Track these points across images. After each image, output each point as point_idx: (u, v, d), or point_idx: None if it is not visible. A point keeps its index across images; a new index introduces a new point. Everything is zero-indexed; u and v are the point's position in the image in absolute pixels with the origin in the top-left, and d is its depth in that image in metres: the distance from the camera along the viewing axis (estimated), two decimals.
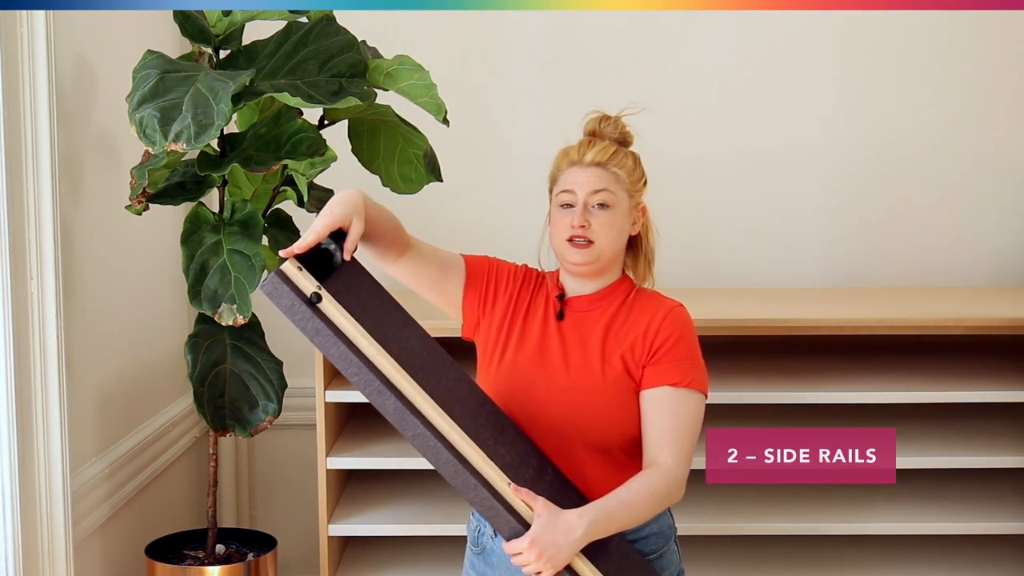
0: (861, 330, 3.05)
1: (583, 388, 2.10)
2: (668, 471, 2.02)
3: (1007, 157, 3.59)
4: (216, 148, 2.67)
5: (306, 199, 2.65)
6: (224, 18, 2.59)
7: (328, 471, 3.03)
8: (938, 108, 3.57)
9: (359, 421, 3.29)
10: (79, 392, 2.67)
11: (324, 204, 2.00)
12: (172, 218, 3.21)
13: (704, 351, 2.15)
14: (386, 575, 3.16)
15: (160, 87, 2.37)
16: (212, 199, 2.79)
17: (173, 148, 2.31)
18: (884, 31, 3.55)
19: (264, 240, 2.71)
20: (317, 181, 2.79)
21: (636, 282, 2.20)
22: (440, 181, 2.84)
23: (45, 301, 2.41)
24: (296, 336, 1.99)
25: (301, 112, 2.62)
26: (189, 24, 2.60)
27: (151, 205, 2.62)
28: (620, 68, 3.54)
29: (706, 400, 2.12)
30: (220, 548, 2.93)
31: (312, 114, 2.67)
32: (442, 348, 2.08)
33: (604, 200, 2.11)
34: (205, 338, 2.70)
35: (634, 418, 2.09)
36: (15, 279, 2.33)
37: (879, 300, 3.28)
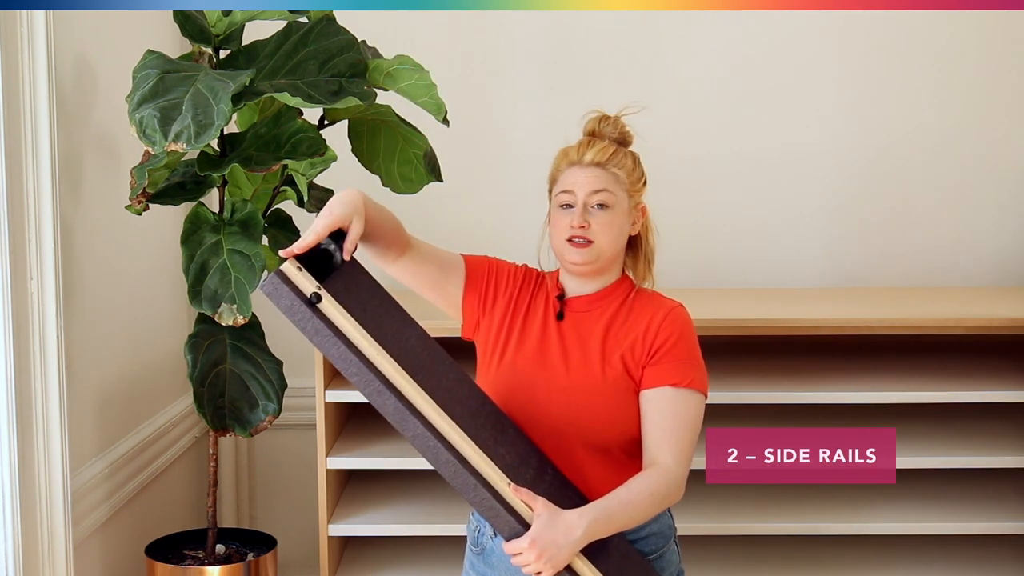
0: (861, 330, 3.05)
1: (583, 388, 2.10)
2: (668, 471, 2.02)
3: (1007, 157, 3.59)
4: (216, 148, 2.67)
5: (306, 199, 2.65)
6: (224, 18, 2.59)
7: (328, 471, 3.03)
8: (938, 108, 3.57)
9: (359, 421, 3.29)
10: (79, 392, 2.66)
11: (324, 204, 2.00)
12: (172, 218, 3.21)
13: (704, 351, 2.15)
14: (386, 575, 3.16)
15: (160, 87, 2.37)
16: (212, 199, 2.79)
17: (173, 148, 2.31)
18: (884, 31, 3.55)
19: (264, 240, 2.71)
20: (317, 181, 2.79)
21: (636, 282, 2.20)
22: (440, 181, 2.84)
23: (45, 301, 2.41)
24: (296, 336, 1.99)
25: (301, 112, 2.62)
26: (189, 24, 2.60)
27: (151, 205, 2.62)
28: (620, 68, 3.54)
29: (706, 400, 2.12)
30: (220, 548, 2.93)
31: (312, 114, 2.67)
32: (442, 348, 2.08)
33: (603, 200, 2.11)
34: (205, 338, 2.70)
35: (634, 418, 2.09)
36: (15, 279, 2.33)
37: (879, 300, 3.28)
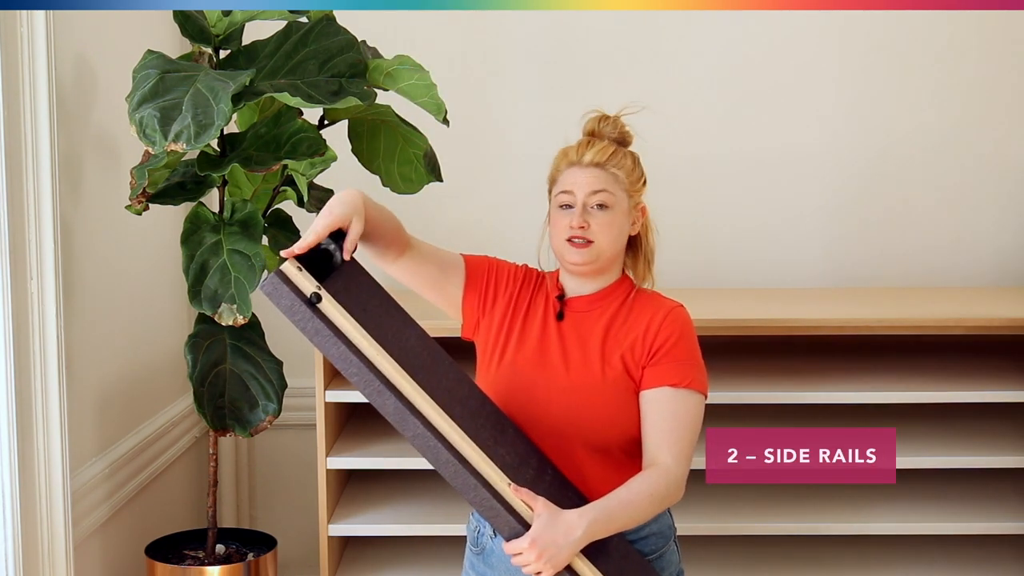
0: (861, 330, 3.05)
1: (583, 388, 2.10)
2: (668, 471, 2.02)
3: (1007, 157, 3.59)
4: (216, 148, 2.67)
5: (306, 199, 2.65)
6: (224, 18, 2.59)
7: (328, 471, 3.03)
8: (938, 108, 3.57)
9: (359, 421, 3.29)
10: (79, 392, 2.66)
11: (324, 204, 2.00)
12: (172, 218, 3.21)
13: (704, 351, 2.15)
14: (386, 575, 3.16)
15: (160, 87, 2.37)
16: (212, 199, 2.79)
17: (173, 148, 2.31)
18: (884, 31, 3.55)
19: (264, 240, 2.71)
20: (317, 181, 2.79)
21: (636, 282, 2.20)
22: (440, 181, 2.84)
23: (45, 301, 2.41)
24: (296, 336, 1.99)
25: (301, 112, 2.62)
26: (189, 24, 2.60)
27: (151, 205, 2.62)
28: (620, 68, 3.54)
29: (706, 400, 2.12)
30: (220, 548, 2.93)
31: (312, 114, 2.67)
32: (442, 348, 2.08)
33: (603, 200, 2.11)
34: (205, 338, 2.70)
35: (634, 418, 2.09)
36: (15, 279, 2.32)
37: (879, 300, 3.28)
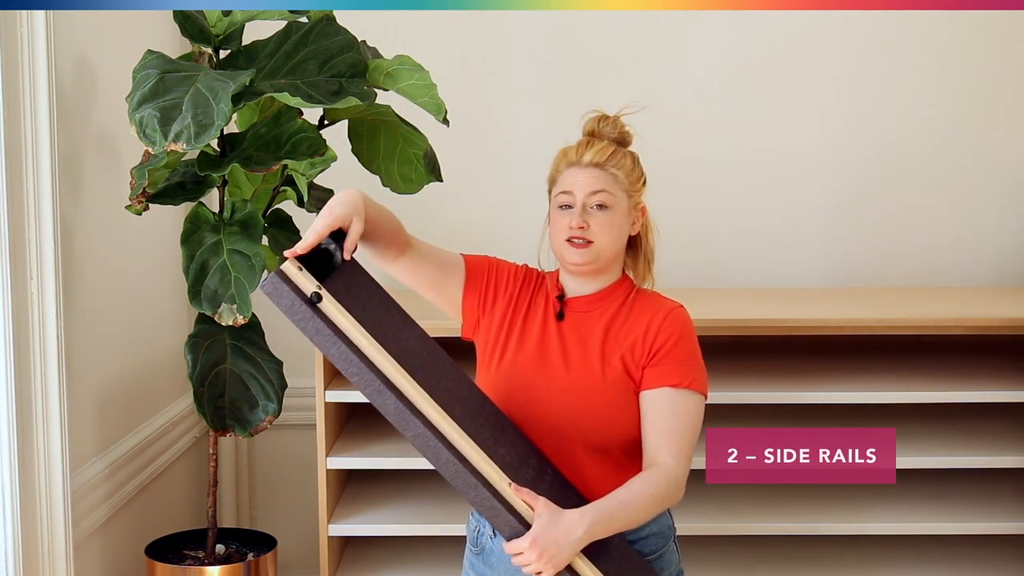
0: (861, 330, 3.05)
1: (583, 388, 2.10)
2: (668, 472, 2.02)
3: (1007, 157, 3.59)
4: (216, 148, 2.67)
5: (306, 199, 2.65)
6: (224, 18, 2.59)
7: (328, 471, 3.03)
8: (938, 108, 3.57)
9: (359, 421, 3.29)
10: (79, 392, 2.66)
11: (324, 204, 2.00)
12: (172, 218, 3.21)
13: (704, 351, 2.15)
14: (386, 575, 3.16)
15: (160, 87, 2.37)
16: (212, 199, 2.78)
17: (173, 148, 2.31)
18: (884, 31, 3.55)
19: (264, 240, 2.71)
20: (317, 181, 2.79)
21: (636, 282, 2.20)
22: (440, 181, 2.84)
23: (45, 301, 2.41)
24: (296, 336, 1.99)
25: (301, 112, 2.62)
26: (189, 24, 2.60)
27: (151, 205, 2.62)
28: (620, 68, 3.54)
29: (706, 401, 2.12)
30: (220, 548, 2.93)
31: (312, 114, 2.67)
32: (442, 348, 2.08)
33: (602, 201, 2.11)
34: (205, 338, 2.70)
35: (634, 418, 2.09)
36: (15, 279, 2.32)
37: (879, 300, 3.28)
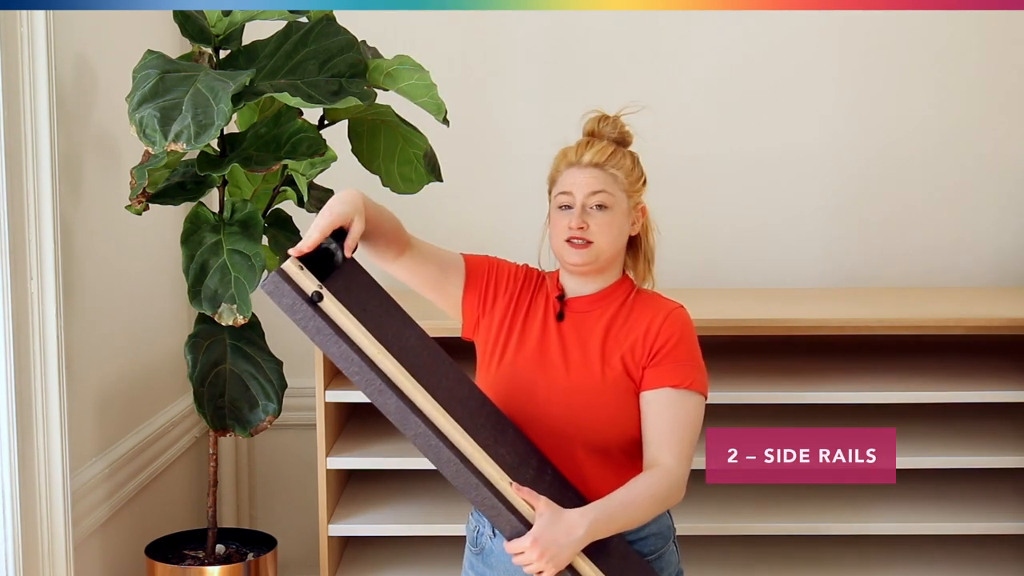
0: (861, 330, 3.05)
1: (583, 389, 2.10)
2: (669, 472, 2.02)
3: (1007, 157, 3.59)
4: (216, 148, 2.67)
5: (306, 199, 2.65)
6: (224, 18, 2.59)
7: (328, 471, 3.03)
8: (938, 108, 3.57)
9: (359, 421, 3.29)
10: (79, 392, 2.66)
11: (324, 204, 1.99)
12: (172, 218, 3.21)
13: (704, 351, 2.15)
14: (386, 575, 3.16)
15: (160, 87, 2.37)
16: (212, 199, 2.78)
17: (173, 148, 2.31)
18: (884, 31, 3.55)
19: (264, 240, 2.71)
20: (317, 181, 2.79)
21: (636, 282, 2.20)
22: (440, 181, 2.84)
23: (45, 301, 2.41)
24: (296, 336, 1.99)
25: (301, 112, 2.62)
26: (189, 24, 2.60)
27: (151, 205, 2.62)
28: (620, 68, 3.54)
29: (706, 401, 2.12)
30: (220, 548, 2.93)
31: (312, 114, 2.67)
32: (441, 348, 2.08)
33: (602, 201, 2.11)
34: (205, 338, 2.70)
35: (634, 419, 2.09)
36: (15, 279, 2.32)
37: (879, 300, 3.28)
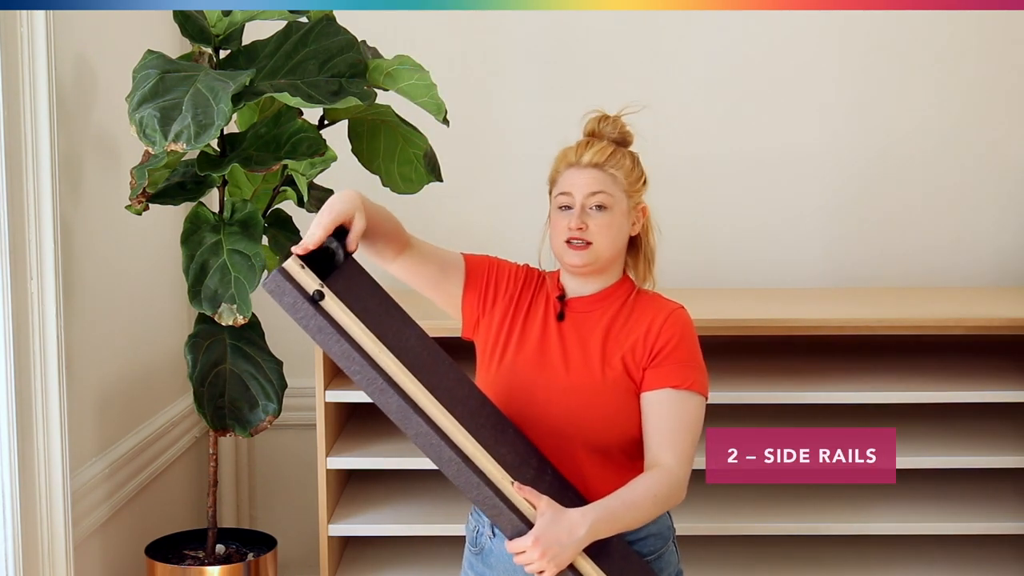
0: (861, 330, 3.05)
1: (583, 389, 2.09)
2: (670, 473, 2.02)
3: (1007, 157, 3.59)
4: (216, 148, 2.67)
5: (306, 199, 2.65)
6: (224, 18, 2.59)
7: (328, 471, 3.02)
8: (938, 108, 3.57)
9: (359, 421, 3.29)
10: (79, 392, 2.66)
11: (324, 204, 1.99)
12: (172, 218, 3.21)
13: (704, 351, 2.15)
14: (386, 575, 3.16)
15: (160, 87, 2.37)
16: (212, 199, 2.78)
17: (173, 148, 2.31)
18: (884, 31, 3.55)
19: (264, 240, 2.71)
20: (317, 181, 2.79)
21: (637, 283, 2.20)
22: (440, 181, 2.84)
23: (45, 301, 2.41)
24: (296, 336, 1.99)
25: (301, 112, 2.62)
26: (189, 24, 2.60)
27: (151, 205, 2.62)
28: (620, 68, 3.54)
29: (707, 402, 2.12)
30: (220, 548, 2.93)
31: (312, 114, 2.67)
32: (441, 348, 2.08)
33: (601, 202, 2.10)
34: (205, 338, 2.70)
35: (634, 419, 2.09)
36: (15, 279, 2.32)
37: (879, 300, 3.28)
